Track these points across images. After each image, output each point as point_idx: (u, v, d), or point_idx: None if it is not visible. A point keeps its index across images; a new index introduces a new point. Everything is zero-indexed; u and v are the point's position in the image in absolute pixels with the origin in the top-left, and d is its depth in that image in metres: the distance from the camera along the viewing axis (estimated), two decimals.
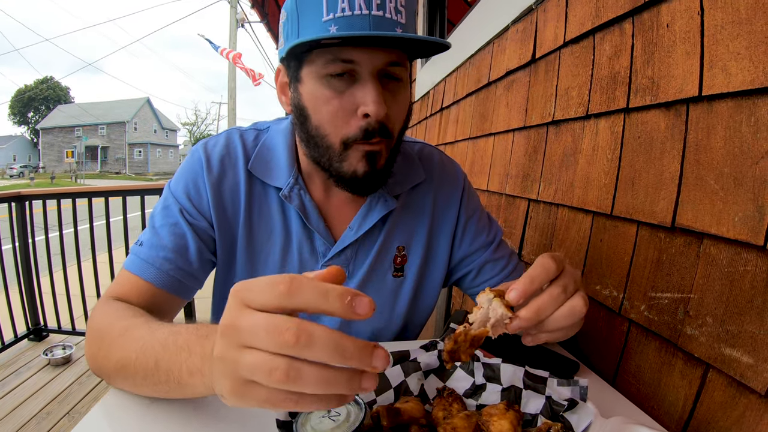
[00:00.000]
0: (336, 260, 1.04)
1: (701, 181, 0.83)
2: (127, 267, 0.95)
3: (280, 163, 1.03)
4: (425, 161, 1.17)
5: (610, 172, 1.10)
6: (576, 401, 0.69)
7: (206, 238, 1.00)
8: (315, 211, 1.02)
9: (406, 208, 1.11)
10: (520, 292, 0.62)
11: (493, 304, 0.63)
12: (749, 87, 0.74)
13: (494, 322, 0.63)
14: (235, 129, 1.08)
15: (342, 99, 0.87)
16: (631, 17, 1.05)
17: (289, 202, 1.00)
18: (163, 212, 0.99)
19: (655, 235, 0.95)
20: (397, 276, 1.11)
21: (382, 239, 1.08)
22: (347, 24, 0.80)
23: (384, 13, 0.82)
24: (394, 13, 0.83)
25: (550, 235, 1.41)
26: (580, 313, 0.66)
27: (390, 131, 0.91)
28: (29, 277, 3.80)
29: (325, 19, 0.80)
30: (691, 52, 0.86)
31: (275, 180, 1.01)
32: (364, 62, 0.84)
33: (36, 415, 2.81)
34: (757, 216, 0.72)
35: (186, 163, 1.03)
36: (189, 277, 0.97)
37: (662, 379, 0.91)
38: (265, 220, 1.03)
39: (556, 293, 0.65)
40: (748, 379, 0.72)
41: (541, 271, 0.64)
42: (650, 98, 0.97)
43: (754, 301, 0.72)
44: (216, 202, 0.99)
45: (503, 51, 1.89)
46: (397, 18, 0.83)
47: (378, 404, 0.74)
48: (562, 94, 1.36)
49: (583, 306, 0.66)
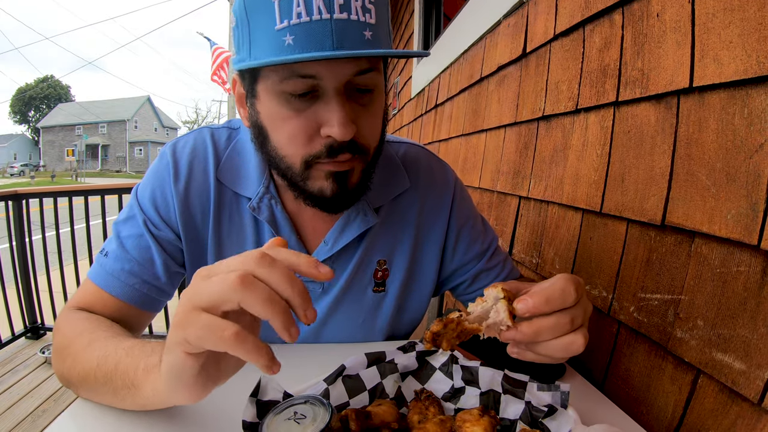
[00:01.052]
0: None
1: (692, 176, 0.79)
2: (91, 278, 0.91)
3: (249, 171, 0.96)
4: (410, 165, 1.08)
5: (599, 168, 1.06)
6: (555, 408, 0.65)
7: (172, 249, 0.95)
8: (287, 222, 0.95)
9: (389, 219, 1.03)
10: (531, 309, 0.59)
11: (498, 306, 0.60)
12: (742, 77, 0.70)
13: (491, 323, 0.60)
14: (207, 128, 1.00)
15: (303, 118, 0.77)
16: (621, 7, 1.01)
17: (257, 214, 0.94)
18: (128, 222, 0.93)
19: (644, 233, 0.91)
20: (378, 291, 1.05)
21: (360, 253, 1.01)
22: (305, 33, 0.69)
23: (349, 15, 0.69)
24: (361, 13, 0.70)
25: (540, 233, 1.38)
26: (576, 351, 0.62)
27: (363, 147, 0.82)
28: (26, 276, 3.82)
29: (278, 27, 0.69)
30: (681, 41, 0.83)
31: (244, 189, 0.95)
32: (327, 77, 0.73)
33: (32, 413, 2.82)
34: (750, 214, 0.68)
35: (154, 168, 0.96)
36: (156, 290, 0.93)
37: (652, 384, 0.87)
38: (236, 229, 0.96)
39: (562, 323, 0.61)
40: (740, 386, 0.68)
41: (559, 295, 0.60)
42: (640, 91, 0.93)
43: (747, 303, 0.68)
44: (183, 210, 0.93)
45: (495, 46, 1.85)
46: (365, 18, 0.71)
47: (351, 407, 0.71)
48: (553, 88, 1.33)
49: (581, 345, 0.62)
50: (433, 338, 0.61)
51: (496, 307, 0.60)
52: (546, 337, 0.61)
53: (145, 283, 0.91)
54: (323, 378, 0.72)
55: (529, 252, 1.43)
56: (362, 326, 1.05)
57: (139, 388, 0.65)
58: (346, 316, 1.03)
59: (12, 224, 3.66)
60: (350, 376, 0.74)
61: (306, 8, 0.68)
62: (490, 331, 0.61)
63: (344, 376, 0.73)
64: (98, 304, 0.89)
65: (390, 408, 0.69)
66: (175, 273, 0.96)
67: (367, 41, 0.72)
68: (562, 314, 0.61)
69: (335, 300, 1.01)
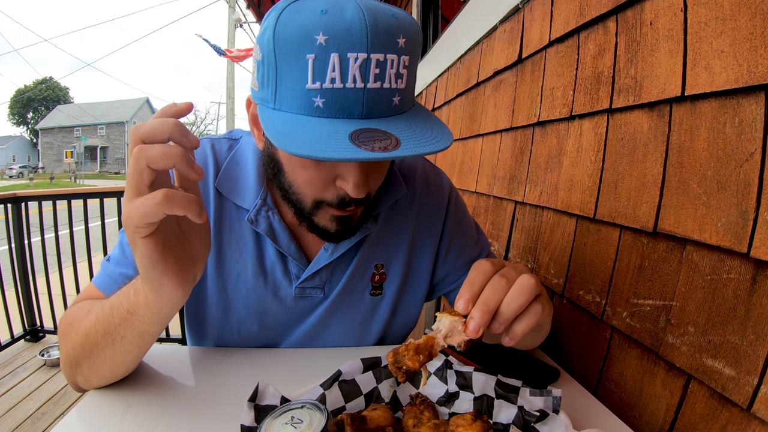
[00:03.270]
0: (310, 282, 1.00)
1: (684, 184, 0.80)
2: (94, 282, 0.96)
3: (248, 182, 0.96)
4: (407, 172, 1.09)
5: (593, 175, 1.07)
6: (547, 413, 0.66)
7: None
8: (285, 233, 0.96)
9: (386, 225, 1.05)
10: (466, 299, 0.63)
11: (442, 319, 0.63)
12: (733, 86, 0.71)
13: (446, 332, 0.63)
14: (207, 139, 1.01)
15: (321, 170, 0.78)
16: (615, 15, 1.02)
17: (255, 226, 0.94)
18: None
19: (637, 239, 0.92)
20: (375, 294, 1.06)
21: (358, 258, 1.03)
22: (336, 100, 0.67)
23: (382, 84, 0.68)
24: (393, 81, 0.69)
25: (535, 238, 1.38)
26: (529, 287, 0.63)
27: (369, 197, 0.86)
28: (26, 278, 3.82)
29: (309, 86, 0.67)
30: (674, 50, 0.84)
31: (242, 201, 0.95)
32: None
33: (32, 416, 2.83)
34: (740, 222, 0.69)
35: None
36: None
37: (644, 389, 0.88)
38: (236, 238, 0.98)
39: (495, 281, 0.64)
40: (729, 392, 0.69)
41: (478, 273, 0.65)
42: (633, 98, 0.94)
43: (736, 310, 0.69)
44: None
45: (491, 51, 1.86)
46: (397, 84, 0.70)
47: (347, 411, 0.72)
48: (548, 94, 1.34)
49: (531, 282, 0.64)
50: (397, 368, 0.63)
51: (441, 320, 0.64)
52: (494, 299, 0.63)
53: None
54: (320, 383, 0.72)
55: (525, 257, 1.44)
56: (359, 328, 1.07)
57: (134, 311, 0.74)
58: (344, 318, 1.05)
59: (11, 227, 3.66)
60: (346, 381, 0.74)
61: (341, 75, 0.66)
62: (454, 339, 0.63)
63: (340, 381, 0.74)
64: None
65: (385, 412, 0.70)
66: None
67: (394, 107, 0.71)
68: (491, 279, 0.65)
69: (334, 303, 1.03)
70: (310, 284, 1.00)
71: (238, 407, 0.65)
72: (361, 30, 0.64)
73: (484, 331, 0.63)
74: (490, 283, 0.64)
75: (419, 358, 0.62)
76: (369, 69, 0.66)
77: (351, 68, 0.65)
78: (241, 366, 0.95)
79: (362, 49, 0.65)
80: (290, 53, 0.67)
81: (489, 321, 0.62)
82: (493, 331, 0.64)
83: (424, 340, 0.63)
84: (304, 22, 0.65)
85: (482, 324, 0.61)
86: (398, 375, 0.62)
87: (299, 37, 0.65)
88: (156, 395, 0.83)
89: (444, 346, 0.63)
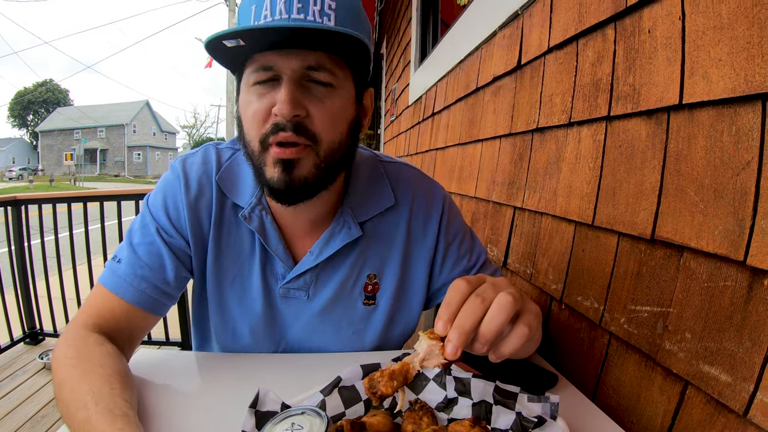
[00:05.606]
0: (294, 283, 1.03)
1: (681, 192, 0.81)
2: (103, 283, 0.96)
3: (246, 182, 1.01)
4: (399, 185, 1.10)
5: (591, 182, 1.08)
6: (545, 419, 0.66)
7: (183, 255, 1.01)
8: (275, 233, 1.01)
9: (377, 234, 1.07)
10: (444, 320, 0.63)
11: (421, 342, 0.64)
12: (730, 95, 0.71)
13: (424, 356, 0.63)
14: (212, 145, 1.07)
15: (261, 101, 0.85)
16: (614, 22, 1.03)
17: (248, 223, 0.99)
18: (141, 230, 0.99)
19: (635, 246, 0.93)
20: (369, 304, 1.08)
21: (349, 267, 1.05)
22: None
23: (305, 17, 0.79)
24: (318, 16, 0.80)
25: (534, 244, 1.39)
26: (507, 304, 0.62)
27: (312, 132, 0.86)
28: (25, 281, 3.82)
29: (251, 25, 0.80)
30: (672, 58, 0.84)
31: (239, 198, 1.01)
32: (281, 66, 0.82)
33: (31, 419, 2.83)
34: (737, 230, 0.69)
35: (165, 180, 1.03)
36: (164, 295, 0.99)
37: (641, 394, 0.88)
38: (233, 239, 1.02)
39: (471, 302, 0.63)
40: (726, 398, 0.69)
41: (455, 293, 0.64)
42: (631, 106, 0.95)
43: (733, 317, 0.70)
44: (192, 219, 0.99)
45: (491, 57, 1.87)
46: (323, 20, 0.80)
47: (347, 417, 0.72)
48: (547, 100, 1.34)
49: (509, 299, 0.63)
50: (372, 394, 0.64)
51: (420, 343, 0.64)
52: (470, 321, 0.62)
53: (155, 288, 0.96)
54: (320, 389, 0.73)
55: (524, 262, 1.45)
56: (353, 337, 1.09)
57: None
58: (336, 326, 1.07)
59: (11, 230, 3.66)
60: (346, 387, 0.75)
61: (270, 10, 0.79)
62: (432, 361, 0.63)
63: (340, 387, 0.74)
64: (108, 310, 0.94)
65: (385, 418, 0.70)
66: (183, 278, 1.02)
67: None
68: (468, 300, 0.64)
69: (323, 310, 1.05)
70: (294, 285, 1.03)
71: (239, 413, 0.65)
72: None
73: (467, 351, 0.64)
74: (466, 304, 0.63)
75: (393, 384, 0.63)
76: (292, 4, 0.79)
77: (278, 5, 0.79)
78: (241, 372, 0.96)
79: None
80: (243, 11, 0.85)
81: (466, 342, 0.62)
82: (476, 352, 0.65)
83: (399, 366, 0.64)
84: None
85: (459, 346, 0.61)
86: (374, 399, 0.64)
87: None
88: (156, 401, 0.84)
89: (419, 370, 0.64)
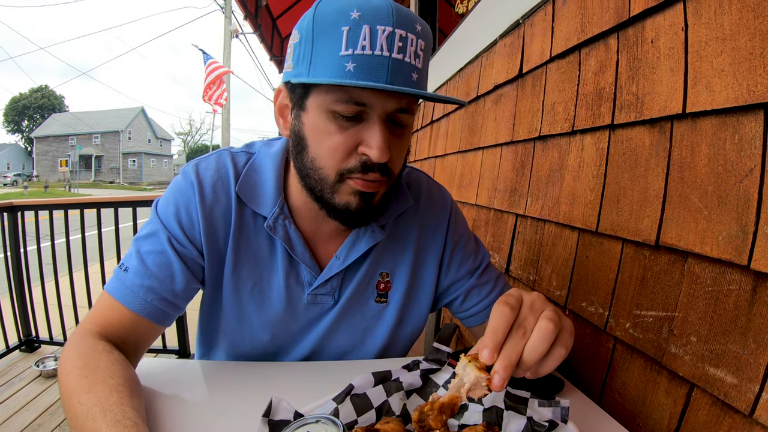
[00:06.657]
0: (322, 289, 1.03)
1: (685, 199, 0.83)
2: (110, 292, 0.93)
3: (266, 190, 1.00)
4: (413, 187, 1.14)
5: (595, 189, 1.10)
6: (556, 423, 0.67)
7: (194, 266, 0.98)
8: (300, 241, 1.00)
9: (392, 235, 1.10)
10: (491, 350, 0.62)
11: (467, 370, 0.63)
12: (733, 104, 0.73)
13: (470, 387, 0.63)
14: (227, 150, 1.04)
15: (346, 136, 0.83)
16: (616, 33, 1.05)
17: (274, 233, 0.98)
18: (150, 238, 0.95)
19: (639, 252, 0.94)
20: (380, 302, 1.10)
21: (366, 266, 1.07)
22: (366, 64, 0.76)
23: (404, 57, 0.78)
24: (412, 58, 0.80)
25: (537, 251, 1.40)
26: (548, 333, 0.63)
27: (390, 171, 0.88)
28: (21, 288, 3.76)
29: (342, 53, 0.76)
30: (675, 68, 0.86)
31: (261, 208, 0.98)
32: (376, 106, 0.81)
33: (27, 427, 2.79)
34: (740, 235, 0.71)
35: (176, 186, 0.98)
36: (172, 306, 0.96)
37: (647, 398, 0.90)
38: (252, 247, 1.00)
39: (516, 333, 0.64)
40: (732, 399, 0.71)
41: (500, 321, 0.64)
42: (635, 115, 0.97)
43: (737, 320, 0.71)
44: (207, 228, 0.97)
45: (491, 65, 1.89)
46: (415, 63, 0.80)
47: (359, 425, 0.72)
48: (549, 109, 1.36)
49: (550, 327, 0.64)
50: (420, 427, 0.65)
51: (466, 372, 0.63)
52: (515, 352, 0.63)
53: (163, 299, 0.93)
54: (332, 397, 0.73)
55: (527, 269, 1.46)
56: (363, 334, 1.11)
57: None
58: (350, 324, 1.09)
59: (7, 236, 3.62)
60: (358, 395, 0.75)
61: (371, 43, 0.76)
62: (477, 392, 0.63)
63: (352, 395, 0.74)
64: (114, 320, 0.91)
65: (397, 425, 0.70)
66: (192, 289, 0.99)
67: (413, 82, 0.81)
68: (512, 331, 0.64)
69: (342, 310, 1.06)
70: (322, 291, 1.03)
71: (252, 422, 0.65)
72: (388, 9, 0.77)
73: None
74: (511, 336, 0.64)
75: (442, 418, 0.65)
76: (394, 41, 0.77)
77: (379, 38, 0.76)
78: (252, 381, 0.96)
79: (389, 23, 0.76)
80: (327, 28, 0.78)
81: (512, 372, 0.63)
82: (516, 376, 0.66)
83: (448, 399, 0.65)
84: (340, 4, 0.78)
85: (507, 378, 0.62)
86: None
87: (336, 15, 0.77)
88: (165, 412, 0.83)
89: (465, 400, 0.65)
